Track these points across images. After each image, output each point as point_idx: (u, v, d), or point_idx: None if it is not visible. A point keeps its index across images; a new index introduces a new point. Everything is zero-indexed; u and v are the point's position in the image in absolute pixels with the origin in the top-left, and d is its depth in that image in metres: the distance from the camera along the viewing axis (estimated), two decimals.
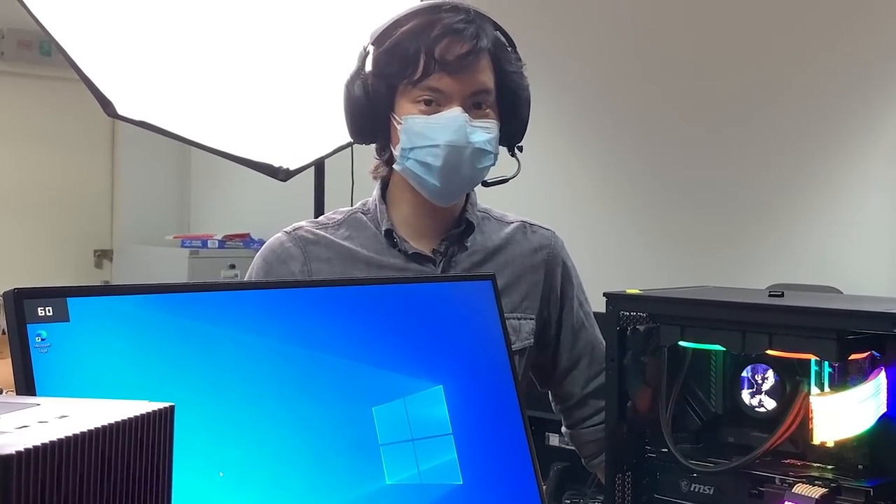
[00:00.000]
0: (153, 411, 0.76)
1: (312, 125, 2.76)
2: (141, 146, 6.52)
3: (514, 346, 1.77)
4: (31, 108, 6.44)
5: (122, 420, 0.73)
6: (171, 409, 0.78)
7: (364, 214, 1.82)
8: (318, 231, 1.80)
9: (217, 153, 2.76)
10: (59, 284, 1.03)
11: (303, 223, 1.83)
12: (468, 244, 1.80)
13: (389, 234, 1.77)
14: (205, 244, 6.21)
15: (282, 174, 2.74)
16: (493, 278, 1.41)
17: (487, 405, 1.32)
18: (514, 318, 1.79)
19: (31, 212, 6.48)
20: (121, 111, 2.65)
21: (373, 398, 1.19)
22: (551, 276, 1.86)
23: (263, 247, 1.82)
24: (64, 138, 6.57)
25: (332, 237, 1.79)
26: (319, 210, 3.11)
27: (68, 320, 0.97)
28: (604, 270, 4.73)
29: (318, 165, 2.99)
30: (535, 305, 1.83)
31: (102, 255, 6.83)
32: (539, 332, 1.85)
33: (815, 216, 4.30)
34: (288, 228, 1.82)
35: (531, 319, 1.82)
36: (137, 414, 0.74)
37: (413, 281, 1.39)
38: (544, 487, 1.40)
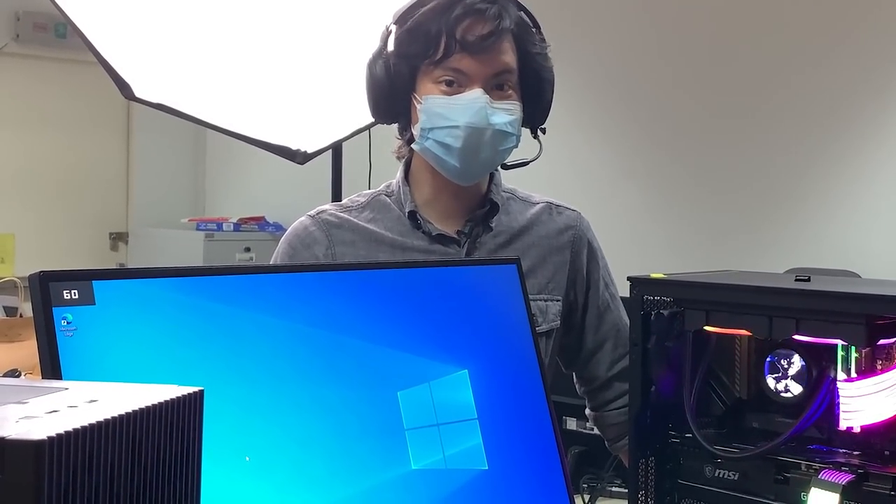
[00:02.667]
0: (183, 395, 0.75)
1: (331, 108, 2.75)
2: (156, 129, 6.52)
3: (541, 328, 1.77)
4: (47, 90, 6.44)
5: (153, 405, 0.72)
6: (201, 393, 0.77)
7: (388, 196, 1.82)
8: (342, 214, 1.79)
9: (235, 136, 2.75)
10: (75, 267, 1.02)
11: (327, 206, 1.83)
12: (493, 225, 1.79)
13: (413, 215, 1.77)
14: (220, 227, 6.21)
15: (300, 157, 2.72)
16: (517, 262, 1.40)
17: (513, 390, 1.30)
18: (540, 300, 1.78)
19: (47, 195, 6.49)
20: (138, 93, 2.63)
21: (398, 382, 1.18)
22: (577, 257, 1.85)
23: (288, 231, 1.81)
24: (79, 121, 6.58)
25: (356, 220, 1.78)
26: (336, 193, 3.10)
27: (94, 303, 0.97)
28: (621, 255, 4.70)
29: (336, 148, 2.98)
30: (561, 287, 1.82)
31: (118, 238, 6.84)
32: (566, 313, 1.84)
33: (834, 201, 4.27)
34: (312, 212, 1.81)
35: (557, 301, 1.81)
36: (167, 398, 0.73)
37: (438, 265, 1.37)
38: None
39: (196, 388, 0.77)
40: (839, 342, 1.34)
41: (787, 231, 4.37)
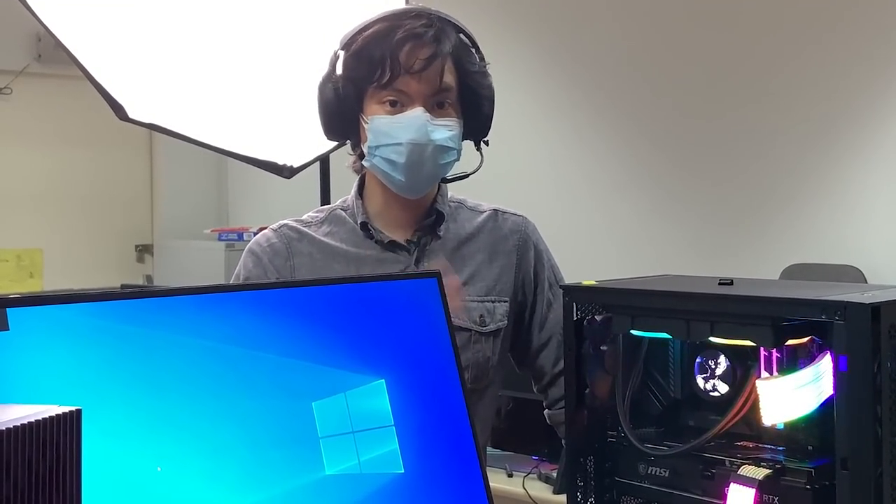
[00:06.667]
0: (57, 415, 0.83)
1: (314, 123, 2.83)
2: (178, 142, 6.60)
3: (489, 328, 1.87)
4: (70, 108, 6.55)
5: (24, 424, 0.79)
6: (78, 412, 0.85)
7: (343, 210, 1.93)
8: (302, 228, 1.90)
9: (224, 153, 2.85)
10: (103, 280, 1.09)
11: (287, 221, 1.93)
12: (440, 233, 1.88)
13: (365, 226, 1.87)
14: (240, 237, 6.30)
15: (286, 171, 2.82)
16: (438, 275, 1.46)
17: (431, 398, 1.37)
18: (488, 301, 1.88)
19: (73, 209, 6.61)
20: (131, 114, 2.74)
21: (313, 393, 1.25)
22: (523, 259, 1.94)
23: (252, 241, 1.92)
24: (103, 136, 6.68)
25: (314, 234, 1.89)
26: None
27: (7, 329, 1.04)
28: (623, 256, 4.75)
29: (323, 160, 3.07)
30: (508, 289, 1.91)
31: (144, 250, 6.95)
32: (516, 314, 1.93)
33: (837, 195, 4.29)
34: (274, 226, 1.92)
35: (505, 302, 1.90)
36: (40, 418, 0.81)
37: (356, 281, 1.44)
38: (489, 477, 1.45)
39: (73, 408, 0.84)
40: (750, 343, 1.40)
41: (791, 226, 4.39)
